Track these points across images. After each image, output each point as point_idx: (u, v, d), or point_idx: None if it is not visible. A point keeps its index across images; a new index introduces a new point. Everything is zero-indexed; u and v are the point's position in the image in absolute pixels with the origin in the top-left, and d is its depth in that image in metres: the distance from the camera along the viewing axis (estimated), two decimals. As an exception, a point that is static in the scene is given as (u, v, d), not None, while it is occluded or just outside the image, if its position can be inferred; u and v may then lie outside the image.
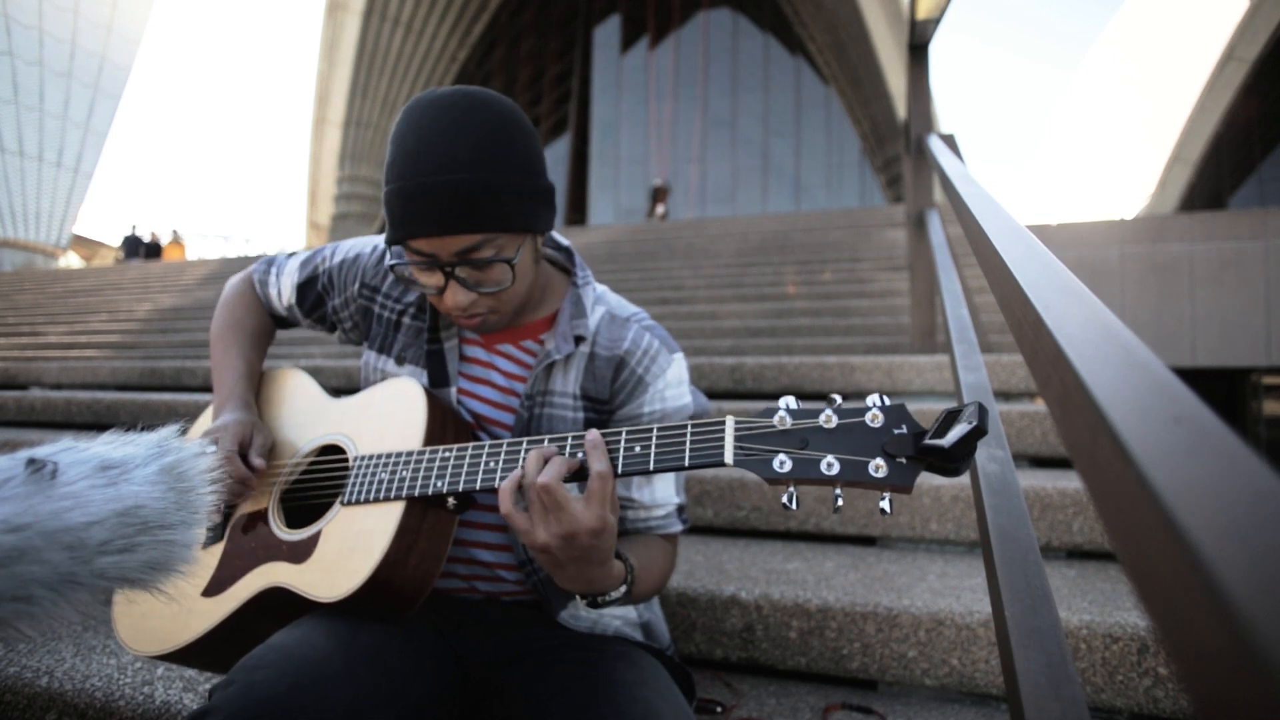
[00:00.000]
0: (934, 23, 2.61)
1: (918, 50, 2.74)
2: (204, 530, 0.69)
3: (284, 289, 1.14)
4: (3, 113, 28.92)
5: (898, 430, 0.69)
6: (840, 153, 26.05)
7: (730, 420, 0.75)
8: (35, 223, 30.13)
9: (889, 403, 0.70)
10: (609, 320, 1.02)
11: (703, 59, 26.69)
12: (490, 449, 0.85)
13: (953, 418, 0.65)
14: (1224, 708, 0.22)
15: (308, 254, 1.14)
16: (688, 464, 0.75)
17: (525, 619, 0.97)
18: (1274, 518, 0.23)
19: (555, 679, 0.85)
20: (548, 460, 0.78)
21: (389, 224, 0.89)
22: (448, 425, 0.95)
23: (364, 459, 0.92)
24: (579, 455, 0.79)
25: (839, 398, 0.72)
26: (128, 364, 3.95)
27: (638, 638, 1.03)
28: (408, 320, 1.04)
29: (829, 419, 0.71)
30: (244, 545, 0.93)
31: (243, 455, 0.95)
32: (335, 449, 0.98)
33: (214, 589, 0.91)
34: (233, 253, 21.14)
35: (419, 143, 0.84)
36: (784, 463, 0.70)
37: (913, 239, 2.88)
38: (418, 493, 0.86)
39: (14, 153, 29.42)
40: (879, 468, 0.68)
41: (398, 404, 0.96)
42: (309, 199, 25.52)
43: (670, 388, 1.00)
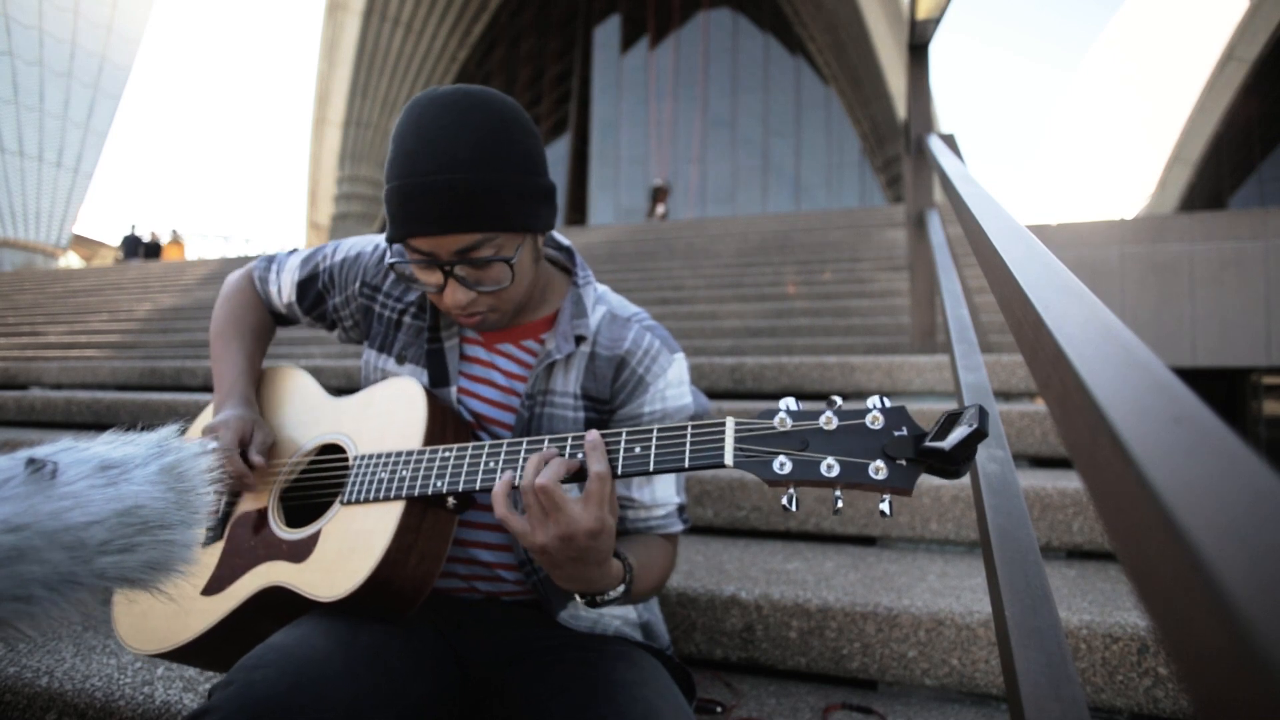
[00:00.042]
0: (934, 23, 2.61)
1: (918, 50, 2.74)
2: (204, 530, 0.69)
3: (284, 286, 1.14)
4: (3, 113, 28.93)
5: (898, 432, 0.69)
6: (840, 153, 26.04)
7: (730, 422, 0.75)
8: (35, 223, 30.14)
9: (889, 404, 0.70)
10: (610, 320, 1.02)
11: (703, 59, 26.69)
12: (490, 449, 0.85)
13: (953, 420, 0.65)
14: (1224, 708, 0.22)
15: (309, 252, 1.14)
16: (688, 465, 0.75)
17: (525, 619, 0.97)
18: (1274, 518, 0.23)
19: (555, 679, 0.85)
20: (546, 462, 0.78)
21: (389, 222, 0.89)
22: (447, 425, 0.95)
23: (364, 458, 0.92)
24: (578, 456, 0.79)
25: (839, 399, 0.72)
26: (128, 364, 3.95)
27: (637, 638, 1.02)
28: (408, 319, 1.04)
29: (829, 421, 0.71)
30: (243, 544, 0.93)
31: (243, 452, 0.95)
32: (335, 448, 0.98)
33: (213, 588, 0.91)
34: (233, 253, 21.16)
35: (419, 141, 0.84)
36: (784, 464, 0.70)
37: (913, 239, 2.88)
38: (417, 492, 0.86)
39: (14, 153, 29.42)
40: (879, 470, 0.68)
41: (398, 403, 0.96)
42: (309, 199, 25.51)
43: (671, 387, 1.00)
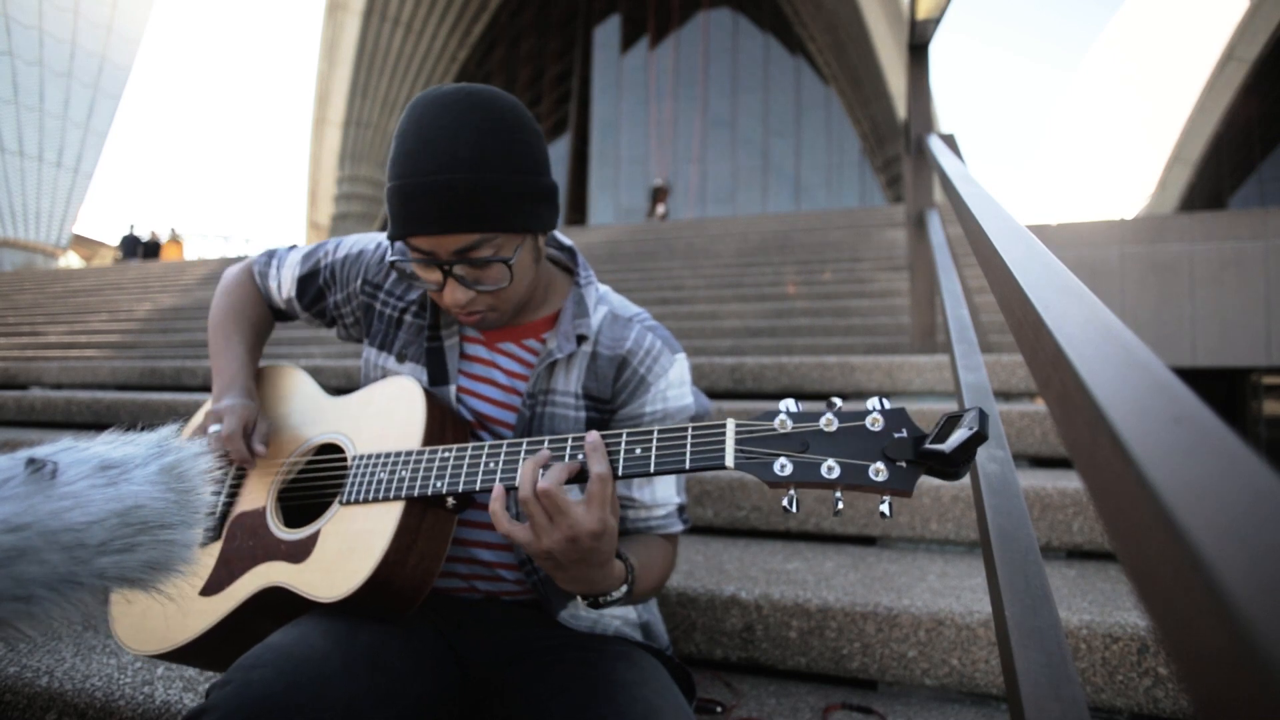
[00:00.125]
0: (934, 23, 2.61)
1: (918, 50, 2.74)
2: (203, 530, 0.69)
3: (284, 281, 1.14)
4: (3, 113, 28.92)
5: (898, 434, 0.69)
6: (840, 153, 26.05)
7: (731, 423, 0.75)
8: (35, 223, 30.13)
9: (889, 406, 0.70)
10: (611, 320, 1.02)
11: (703, 59, 26.69)
12: (490, 449, 0.85)
13: (953, 422, 0.65)
14: (1224, 708, 0.22)
15: (310, 248, 1.15)
16: (688, 467, 0.75)
17: (525, 619, 0.97)
18: (1274, 518, 0.23)
19: (555, 679, 0.85)
20: (545, 468, 0.78)
21: (390, 220, 0.89)
22: (446, 425, 0.95)
23: (363, 458, 0.92)
24: (578, 457, 0.79)
25: (839, 400, 0.72)
26: (128, 364, 3.95)
27: (637, 638, 1.02)
28: (409, 318, 1.04)
29: (829, 422, 0.71)
30: (242, 544, 0.93)
31: (245, 439, 0.95)
32: (333, 448, 0.98)
33: (212, 588, 0.91)
34: (232, 252, 21.15)
35: (420, 140, 0.84)
36: (785, 466, 0.70)
37: (913, 239, 2.88)
38: (417, 492, 0.85)
39: (14, 153, 29.41)
40: (879, 472, 0.68)
41: (397, 403, 0.96)
42: (309, 199, 25.52)
43: (672, 388, 1.00)
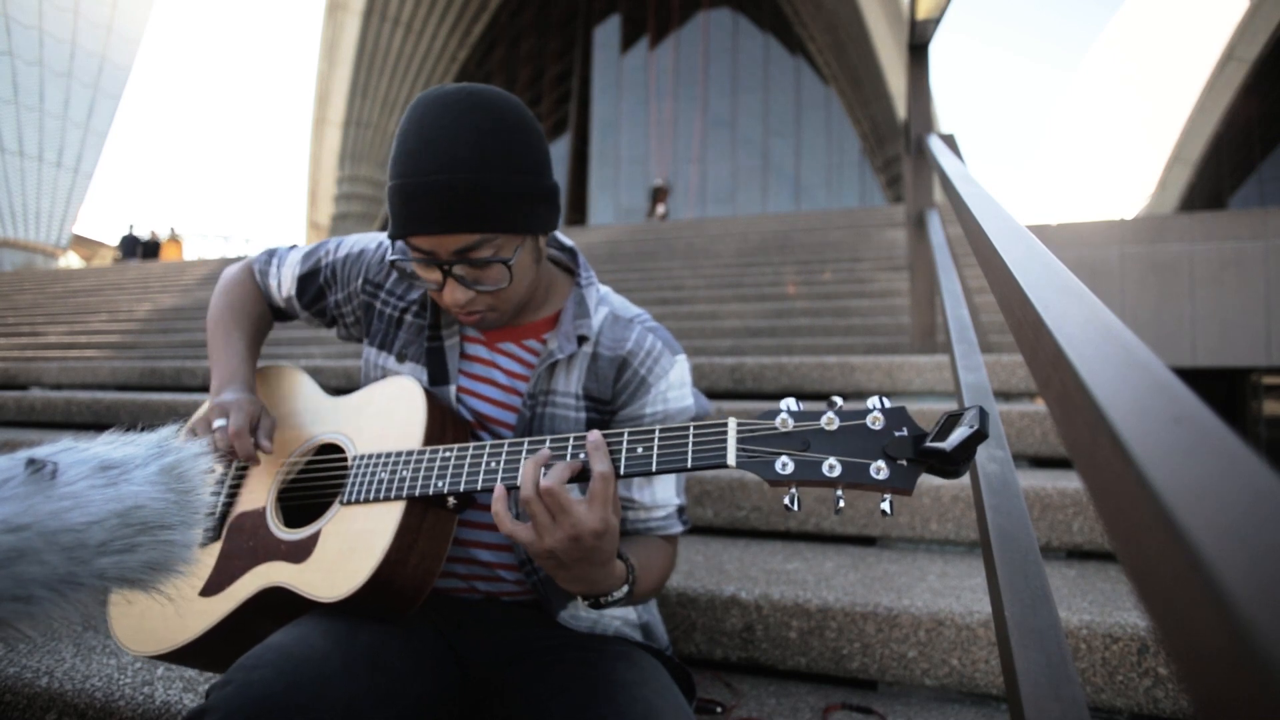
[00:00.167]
0: (934, 23, 2.61)
1: (918, 50, 2.74)
2: (203, 530, 0.69)
3: (284, 280, 1.14)
4: (3, 113, 28.92)
5: (898, 433, 0.69)
6: (840, 153, 26.05)
7: (732, 422, 0.75)
8: (35, 223, 30.12)
9: (890, 405, 0.70)
10: (612, 321, 1.02)
11: (703, 59, 26.69)
12: (491, 449, 0.85)
13: (954, 421, 0.65)
14: (1224, 708, 0.22)
15: (310, 247, 1.14)
16: (690, 465, 0.75)
17: (525, 619, 0.97)
18: (1274, 518, 0.23)
19: (555, 679, 0.85)
20: (547, 467, 0.78)
21: (390, 219, 0.89)
22: (447, 424, 0.95)
23: (363, 458, 0.92)
24: (580, 456, 0.79)
25: (840, 399, 0.73)
26: (128, 364, 3.95)
27: (637, 638, 1.02)
28: (410, 318, 1.04)
29: (830, 421, 0.71)
30: (242, 545, 0.93)
31: (252, 435, 0.95)
32: (334, 448, 0.98)
33: (212, 589, 0.91)
34: (232, 252, 21.16)
35: (421, 140, 0.84)
36: (786, 465, 0.70)
37: (913, 239, 2.88)
38: (418, 492, 0.85)
39: (14, 153, 29.41)
40: (880, 470, 0.68)
41: (397, 403, 0.96)
42: (309, 199, 25.52)
43: (673, 389, 1.00)
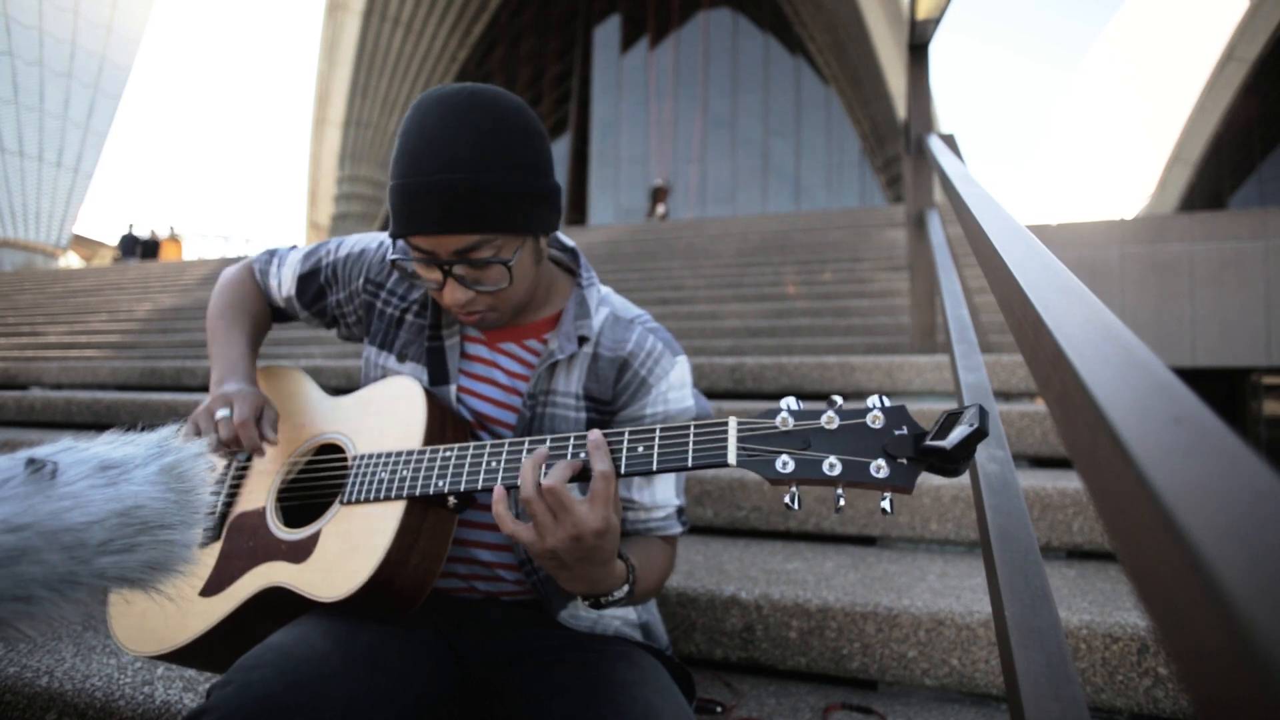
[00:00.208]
0: (934, 23, 2.61)
1: (918, 50, 2.74)
2: (203, 530, 0.69)
3: (284, 280, 1.14)
4: (3, 113, 28.92)
5: (899, 431, 0.69)
6: (840, 153, 26.05)
7: (733, 421, 0.75)
8: (35, 223, 30.12)
9: (890, 404, 0.70)
10: (613, 321, 1.02)
11: (703, 59, 26.69)
12: (491, 448, 0.85)
13: (953, 419, 0.65)
14: (1224, 708, 0.22)
15: (311, 246, 1.15)
16: (691, 464, 0.75)
17: (525, 619, 0.97)
18: (1274, 518, 0.23)
19: (555, 679, 0.85)
20: (547, 466, 0.78)
21: (392, 218, 0.89)
22: (447, 424, 0.95)
23: (363, 458, 0.92)
24: (581, 456, 0.79)
25: (840, 398, 0.73)
26: (128, 364, 3.95)
27: (637, 638, 1.02)
28: (410, 317, 1.04)
29: (831, 420, 0.71)
30: (242, 545, 0.93)
31: (257, 426, 0.94)
32: (334, 448, 0.98)
33: (212, 589, 0.91)
34: (233, 252, 21.16)
35: (422, 140, 0.84)
36: (786, 463, 0.70)
37: (913, 239, 2.88)
38: (419, 492, 0.85)
39: (14, 153, 29.41)
40: (880, 468, 0.68)
41: (397, 403, 0.96)
42: (309, 199, 25.52)
43: (673, 390, 1.00)
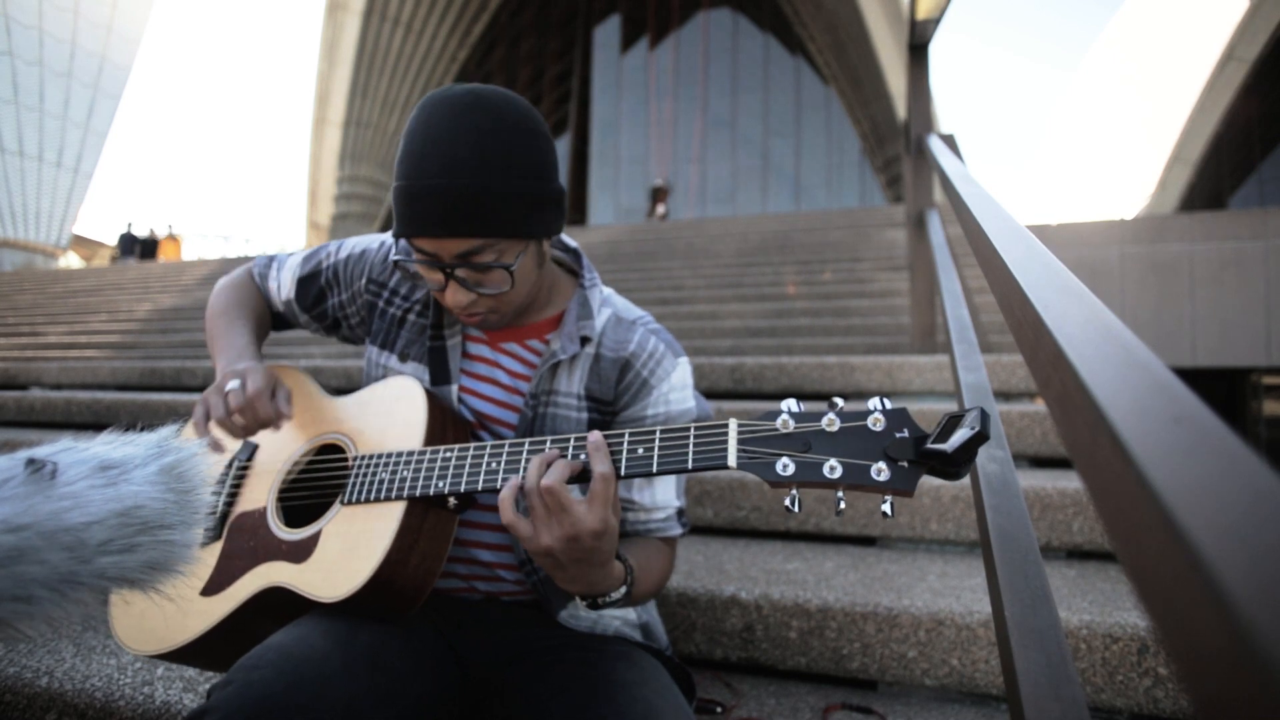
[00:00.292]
0: (934, 23, 2.61)
1: (918, 50, 2.74)
2: (203, 530, 0.69)
3: (284, 283, 1.14)
4: (3, 113, 28.91)
5: (899, 434, 0.69)
6: (840, 153, 26.05)
7: (733, 423, 0.75)
8: (35, 223, 30.11)
9: (890, 406, 0.70)
10: (615, 322, 1.02)
11: (703, 59, 26.68)
12: (492, 449, 0.85)
13: (955, 422, 0.65)
14: (1224, 708, 0.22)
15: (310, 250, 1.14)
16: (691, 467, 0.75)
17: (525, 619, 0.97)
18: (1274, 518, 0.23)
19: (555, 679, 0.85)
20: (550, 464, 0.78)
21: (394, 219, 0.89)
22: (447, 425, 0.95)
23: (364, 458, 0.92)
24: (581, 457, 0.79)
25: (840, 400, 0.72)
26: (128, 364, 3.95)
27: (637, 638, 1.02)
28: (412, 318, 1.04)
29: (831, 422, 0.71)
30: (242, 544, 0.93)
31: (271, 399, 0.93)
32: (334, 448, 0.98)
33: (212, 588, 0.91)
34: (233, 253, 21.17)
35: (425, 142, 0.84)
36: (787, 466, 0.70)
37: (913, 239, 2.88)
38: (419, 493, 0.85)
39: (14, 153, 29.40)
40: (881, 471, 0.68)
41: (398, 403, 0.96)
42: (309, 199, 25.52)
43: (675, 391, 1.00)
